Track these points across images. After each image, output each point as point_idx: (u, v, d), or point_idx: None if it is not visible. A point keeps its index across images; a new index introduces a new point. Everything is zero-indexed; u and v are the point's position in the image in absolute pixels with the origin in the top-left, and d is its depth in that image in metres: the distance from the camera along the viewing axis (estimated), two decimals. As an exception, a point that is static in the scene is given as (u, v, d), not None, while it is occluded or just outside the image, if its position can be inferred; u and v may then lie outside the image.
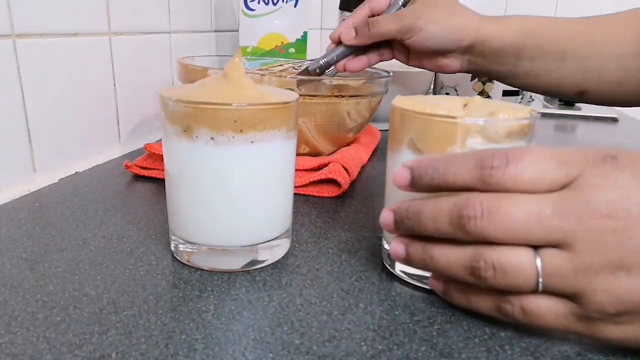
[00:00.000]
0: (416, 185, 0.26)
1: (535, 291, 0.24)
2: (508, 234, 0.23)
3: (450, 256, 0.25)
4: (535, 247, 0.23)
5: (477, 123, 0.27)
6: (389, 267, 0.32)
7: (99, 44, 0.52)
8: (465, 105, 0.31)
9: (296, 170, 0.42)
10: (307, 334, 0.25)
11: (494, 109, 0.29)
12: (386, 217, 0.28)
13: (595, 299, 0.22)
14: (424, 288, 0.30)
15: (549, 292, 0.24)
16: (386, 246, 0.32)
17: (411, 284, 0.30)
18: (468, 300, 0.27)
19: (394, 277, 0.31)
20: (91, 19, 0.50)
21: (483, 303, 0.26)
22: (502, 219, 0.23)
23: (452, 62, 0.51)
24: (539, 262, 0.23)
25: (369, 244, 0.36)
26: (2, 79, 0.41)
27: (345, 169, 0.46)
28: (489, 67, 0.51)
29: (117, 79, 0.55)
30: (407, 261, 0.28)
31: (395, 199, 0.30)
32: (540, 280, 0.23)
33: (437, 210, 0.25)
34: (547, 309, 0.24)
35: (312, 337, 0.25)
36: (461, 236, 0.24)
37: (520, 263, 0.23)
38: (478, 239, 0.24)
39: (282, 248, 0.33)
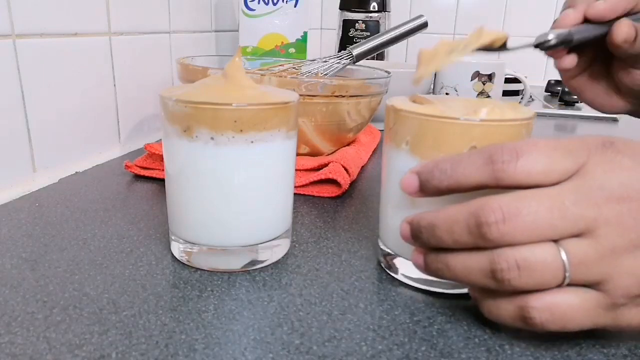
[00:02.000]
0: (425, 189, 0.26)
1: (560, 285, 0.23)
2: (534, 233, 0.22)
3: (468, 262, 0.24)
4: (555, 241, 0.23)
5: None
6: (383, 266, 0.32)
7: (99, 44, 0.52)
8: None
9: (296, 170, 0.42)
10: (307, 334, 0.25)
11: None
12: (404, 229, 0.27)
13: (621, 282, 0.22)
14: (423, 289, 0.30)
15: (574, 284, 0.23)
16: (381, 246, 0.33)
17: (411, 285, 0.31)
18: (489, 311, 0.26)
19: (394, 277, 0.31)
20: (91, 19, 0.50)
21: (505, 312, 0.25)
22: (525, 219, 0.22)
23: None
24: (563, 254, 0.22)
25: (369, 244, 0.36)
26: (2, 79, 0.41)
27: (345, 169, 0.46)
28: None
29: (117, 79, 0.55)
30: (427, 271, 0.27)
31: (389, 197, 0.30)
32: (567, 273, 0.23)
33: (452, 222, 0.24)
34: (577, 305, 0.23)
35: (312, 337, 0.25)
36: (482, 244, 0.23)
37: (545, 258, 0.23)
38: (501, 244, 0.23)
39: (282, 248, 0.33)
